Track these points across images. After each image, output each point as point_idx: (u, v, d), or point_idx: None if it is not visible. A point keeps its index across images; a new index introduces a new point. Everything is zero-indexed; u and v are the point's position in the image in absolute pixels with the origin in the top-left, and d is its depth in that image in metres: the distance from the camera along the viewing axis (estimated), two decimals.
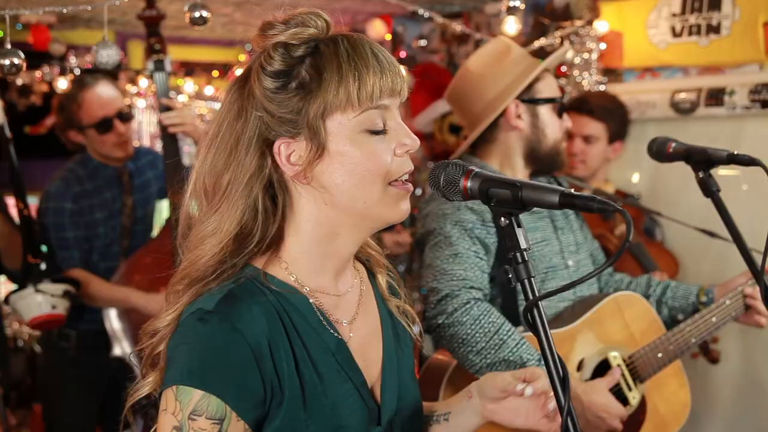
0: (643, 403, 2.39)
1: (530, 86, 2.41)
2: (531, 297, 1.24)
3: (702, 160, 1.98)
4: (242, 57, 5.99)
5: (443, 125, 4.66)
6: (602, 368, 2.34)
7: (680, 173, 2.04)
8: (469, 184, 1.29)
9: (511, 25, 3.03)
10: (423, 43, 4.67)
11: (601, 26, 3.66)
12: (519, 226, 1.26)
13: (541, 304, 1.24)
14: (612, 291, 2.59)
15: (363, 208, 1.31)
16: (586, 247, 2.59)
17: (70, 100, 3.37)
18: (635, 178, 3.84)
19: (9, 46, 2.31)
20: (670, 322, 2.55)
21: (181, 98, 5.26)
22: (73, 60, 4.36)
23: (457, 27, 3.45)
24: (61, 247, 3.33)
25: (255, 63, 1.31)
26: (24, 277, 3.16)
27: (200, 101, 5.41)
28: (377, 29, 4.55)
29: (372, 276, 1.51)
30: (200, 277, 1.29)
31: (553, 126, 2.45)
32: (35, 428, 4.49)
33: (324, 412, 1.29)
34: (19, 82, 4.53)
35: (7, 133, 3.25)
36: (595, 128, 3.34)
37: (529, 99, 2.42)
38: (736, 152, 1.94)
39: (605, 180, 3.53)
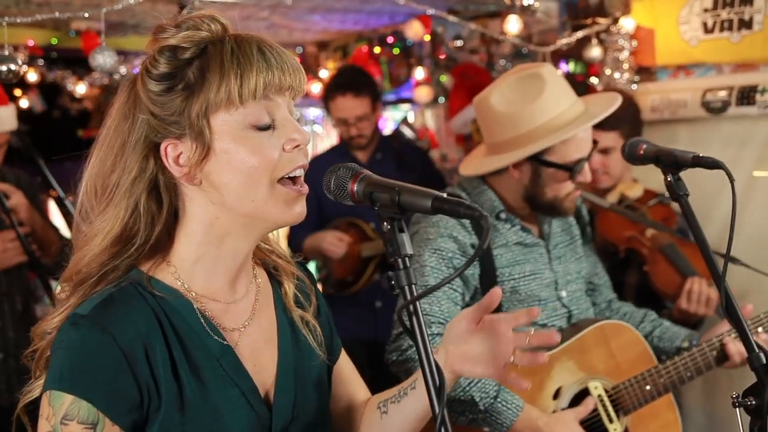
0: None
1: None
2: (413, 307, 1.21)
3: (670, 163, 1.89)
4: None
5: None
6: (582, 398, 2.24)
7: (715, 178, 1.89)
8: (355, 187, 1.26)
9: (513, 25, 2.96)
10: (459, 43, 4.62)
11: (627, 23, 3.54)
12: (401, 231, 1.23)
13: (420, 308, 1.22)
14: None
15: (252, 207, 1.30)
16: (585, 273, 2.49)
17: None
18: None
19: (7, 53, 2.40)
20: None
21: None
22: (122, 69, 4.52)
23: (473, 26, 3.39)
24: None
25: (142, 66, 1.32)
26: None
27: None
28: (415, 30, 4.53)
29: (278, 284, 1.48)
30: (84, 279, 1.30)
31: (554, 187, 2.26)
32: None
33: (203, 417, 1.28)
34: (70, 87, 4.73)
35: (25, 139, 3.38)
36: (610, 139, 3.17)
37: (534, 157, 2.21)
38: (701, 155, 1.85)
39: (633, 181, 3.40)
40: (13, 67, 2.38)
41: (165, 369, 1.27)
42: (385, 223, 1.24)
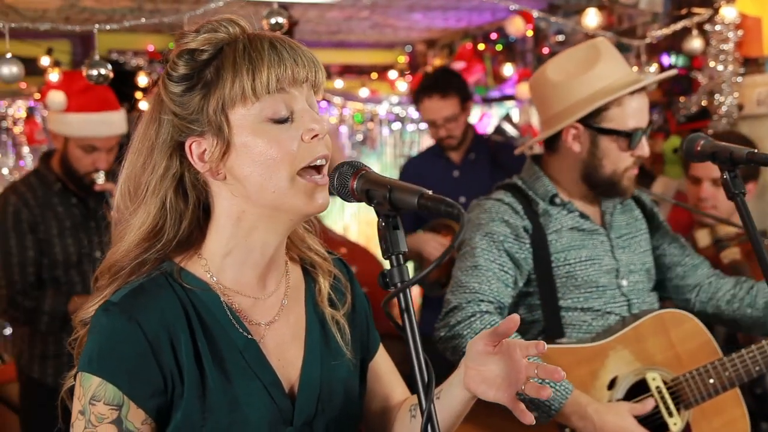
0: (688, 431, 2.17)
1: (601, 110, 2.20)
2: (404, 303, 1.22)
3: (726, 159, 1.80)
4: (401, 58, 6.14)
5: None
6: (639, 389, 2.16)
7: None
8: (355, 184, 1.27)
9: (592, 18, 2.87)
10: (561, 38, 4.53)
11: (728, 12, 3.36)
12: (396, 228, 1.24)
13: (411, 303, 1.22)
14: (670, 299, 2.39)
15: (273, 198, 1.33)
16: (650, 267, 2.40)
17: None
18: None
19: (97, 57, 2.57)
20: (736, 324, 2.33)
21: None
22: None
23: (560, 21, 3.32)
24: None
25: (164, 71, 1.38)
26: None
27: (355, 102, 5.64)
28: (517, 26, 4.48)
29: (312, 280, 1.51)
30: (117, 271, 1.38)
31: (613, 158, 2.22)
32: None
33: (223, 406, 1.33)
34: None
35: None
36: None
37: (591, 125, 2.22)
38: (756, 151, 1.75)
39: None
40: (103, 71, 2.55)
41: (188, 358, 1.33)
42: (380, 220, 1.25)
